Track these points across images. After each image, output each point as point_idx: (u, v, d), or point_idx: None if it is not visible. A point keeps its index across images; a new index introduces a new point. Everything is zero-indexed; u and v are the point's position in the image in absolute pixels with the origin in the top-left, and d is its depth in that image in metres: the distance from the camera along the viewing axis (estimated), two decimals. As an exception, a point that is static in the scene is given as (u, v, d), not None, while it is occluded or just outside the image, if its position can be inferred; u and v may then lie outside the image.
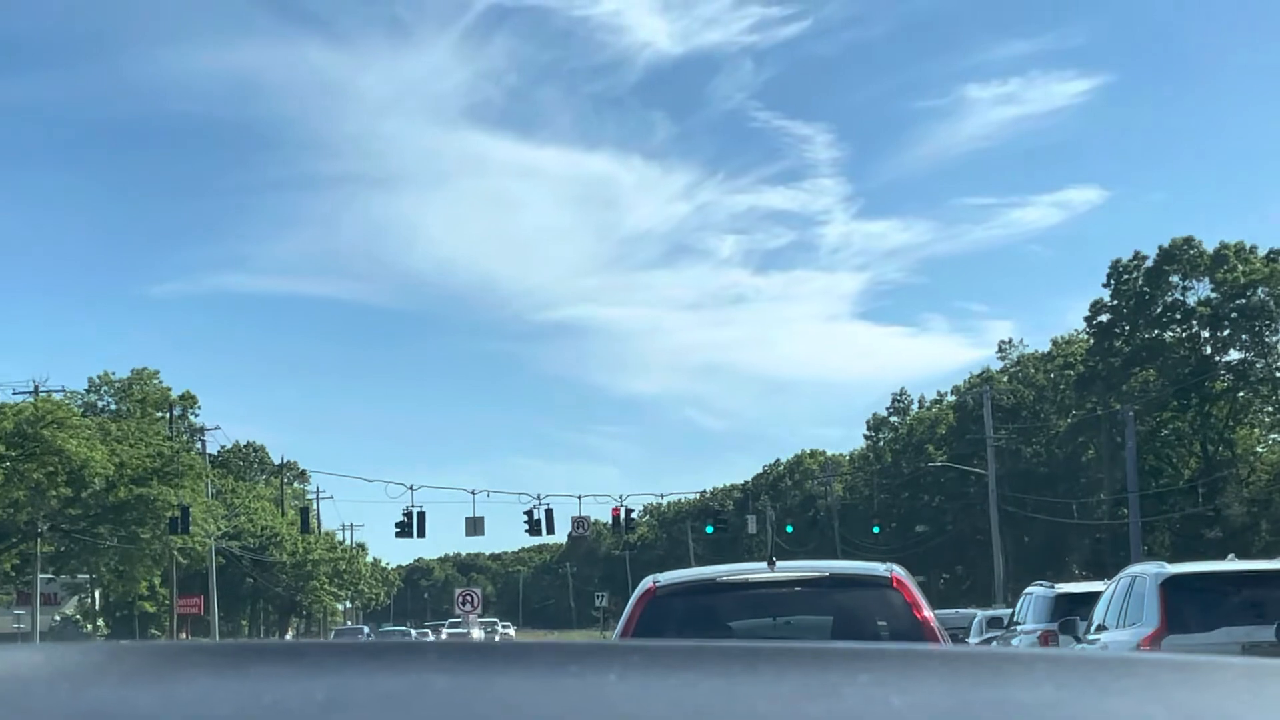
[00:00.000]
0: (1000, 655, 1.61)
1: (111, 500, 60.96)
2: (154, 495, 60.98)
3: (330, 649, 1.59)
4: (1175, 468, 79.08)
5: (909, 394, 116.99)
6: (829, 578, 9.85)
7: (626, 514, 69.07)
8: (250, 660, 1.54)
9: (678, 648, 1.59)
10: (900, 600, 9.23)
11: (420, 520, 62.60)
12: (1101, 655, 1.64)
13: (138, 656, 1.54)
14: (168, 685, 1.43)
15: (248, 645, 1.59)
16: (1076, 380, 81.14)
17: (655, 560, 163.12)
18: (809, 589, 9.70)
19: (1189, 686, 1.45)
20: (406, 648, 1.62)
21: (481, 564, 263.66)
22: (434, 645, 1.59)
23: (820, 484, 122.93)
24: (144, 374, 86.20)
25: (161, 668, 1.51)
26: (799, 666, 1.46)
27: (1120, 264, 77.04)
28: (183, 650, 1.60)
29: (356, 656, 1.53)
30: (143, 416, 70.38)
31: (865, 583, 9.68)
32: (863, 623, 9.37)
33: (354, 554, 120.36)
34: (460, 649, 1.58)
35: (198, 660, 1.53)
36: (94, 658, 1.58)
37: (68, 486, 57.80)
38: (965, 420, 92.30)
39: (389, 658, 1.52)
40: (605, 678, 1.41)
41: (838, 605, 9.58)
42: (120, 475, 60.20)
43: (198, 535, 67.80)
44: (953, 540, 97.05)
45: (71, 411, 59.22)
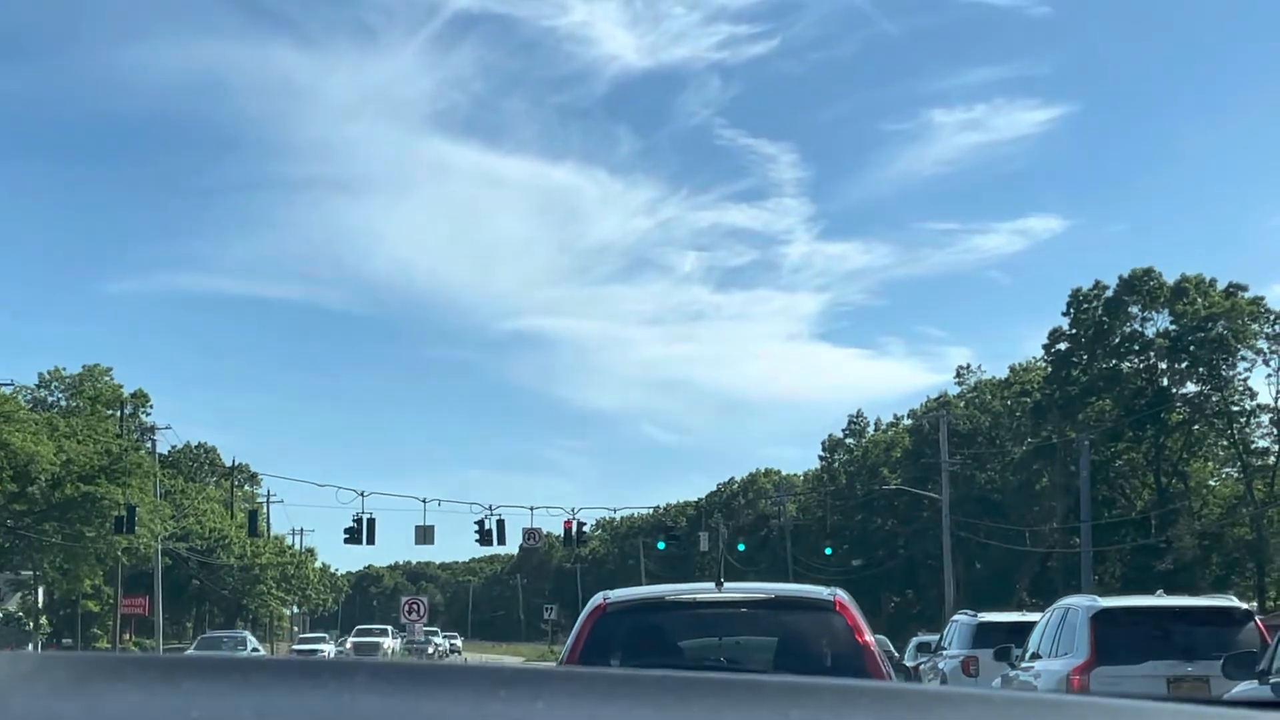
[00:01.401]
0: (932, 694, 1.60)
1: (58, 497, 60.19)
2: (101, 493, 60.23)
3: (262, 665, 1.57)
4: (1128, 498, 79.18)
5: (865, 416, 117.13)
6: (774, 599, 10.04)
7: (578, 527, 68.66)
8: (180, 675, 1.51)
9: (610, 676, 1.58)
10: (842, 624, 9.43)
11: (370, 527, 62.09)
12: (1031, 696, 1.54)
13: (67, 668, 1.51)
14: (95, 698, 1.41)
15: (179, 660, 1.55)
16: (1033, 408, 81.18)
17: (606, 575, 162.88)
18: (755, 610, 9.95)
19: None
20: (337, 667, 1.59)
21: (431, 573, 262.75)
22: (366, 665, 1.56)
23: (774, 503, 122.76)
24: (95, 371, 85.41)
25: (90, 680, 1.49)
26: (732, 700, 1.45)
27: (1080, 293, 77.17)
28: (113, 663, 1.57)
29: (287, 674, 1.52)
30: (93, 414, 69.50)
31: (809, 605, 9.90)
32: (806, 644, 9.60)
33: (303, 559, 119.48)
34: (391, 670, 1.55)
35: (127, 673, 1.51)
36: (22, 668, 1.54)
37: (13, 481, 56.99)
38: (921, 444, 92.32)
39: (319, 676, 1.51)
40: (533, 705, 1.39)
41: (783, 626, 9.77)
42: (67, 472, 59.42)
43: (143, 536, 66.98)
44: (904, 564, 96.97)
45: (18, 405, 58.41)
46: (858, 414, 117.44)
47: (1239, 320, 71.37)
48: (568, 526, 68.05)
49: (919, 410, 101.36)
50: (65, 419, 65.64)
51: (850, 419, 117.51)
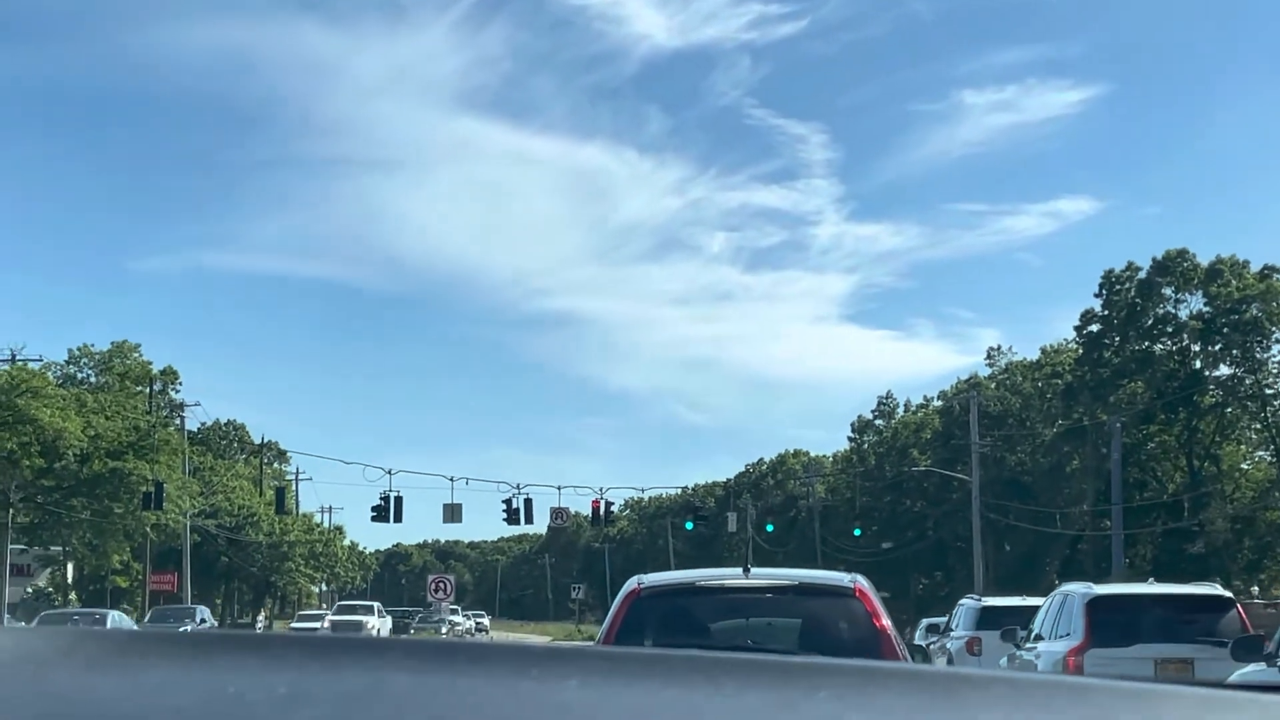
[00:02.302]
0: (958, 677, 1.63)
1: (86, 473, 60.20)
2: (129, 469, 60.22)
3: (295, 642, 1.60)
4: (1160, 481, 78.52)
5: (895, 397, 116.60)
6: (798, 585, 10.67)
7: (606, 507, 68.44)
8: (214, 651, 1.55)
9: (641, 656, 1.61)
10: (862, 609, 9.95)
11: (398, 505, 61.98)
12: (1057, 679, 1.60)
13: (103, 644, 1.54)
14: (132, 674, 1.44)
15: (213, 636, 1.60)
16: (1064, 390, 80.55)
17: (635, 555, 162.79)
18: (780, 595, 10.58)
19: (1141, 715, 1.47)
20: (370, 644, 1.62)
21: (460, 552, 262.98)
22: (400, 643, 1.59)
23: (802, 484, 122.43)
24: (124, 347, 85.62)
25: (126, 656, 1.51)
26: (761, 680, 1.48)
27: (1113, 274, 76.48)
28: (148, 639, 1.60)
29: (321, 651, 1.54)
30: (121, 390, 69.51)
31: (831, 591, 10.52)
32: (827, 628, 10.16)
33: (331, 536, 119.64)
34: (425, 648, 1.59)
35: (163, 649, 1.54)
36: (59, 644, 1.57)
37: (41, 457, 57.00)
38: (951, 426, 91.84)
39: (353, 653, 1.54)
40: (566, 684, 1.41)
41: (806, 610, 10.39)
42: (95, 448, 59.42)
43: (172, 512, 67.03)
44: (933, 546, 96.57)
45: (47, 381, 58.41)
46: (887, 395, 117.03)
47: (1273, 303, 70.66)
48: (595, 506, 67.91)
49: (949, 392, 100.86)
50: (94, 395, 65.65)
51: (880, 400, 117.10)
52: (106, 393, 67.55)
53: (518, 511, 64.42)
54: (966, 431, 77.39)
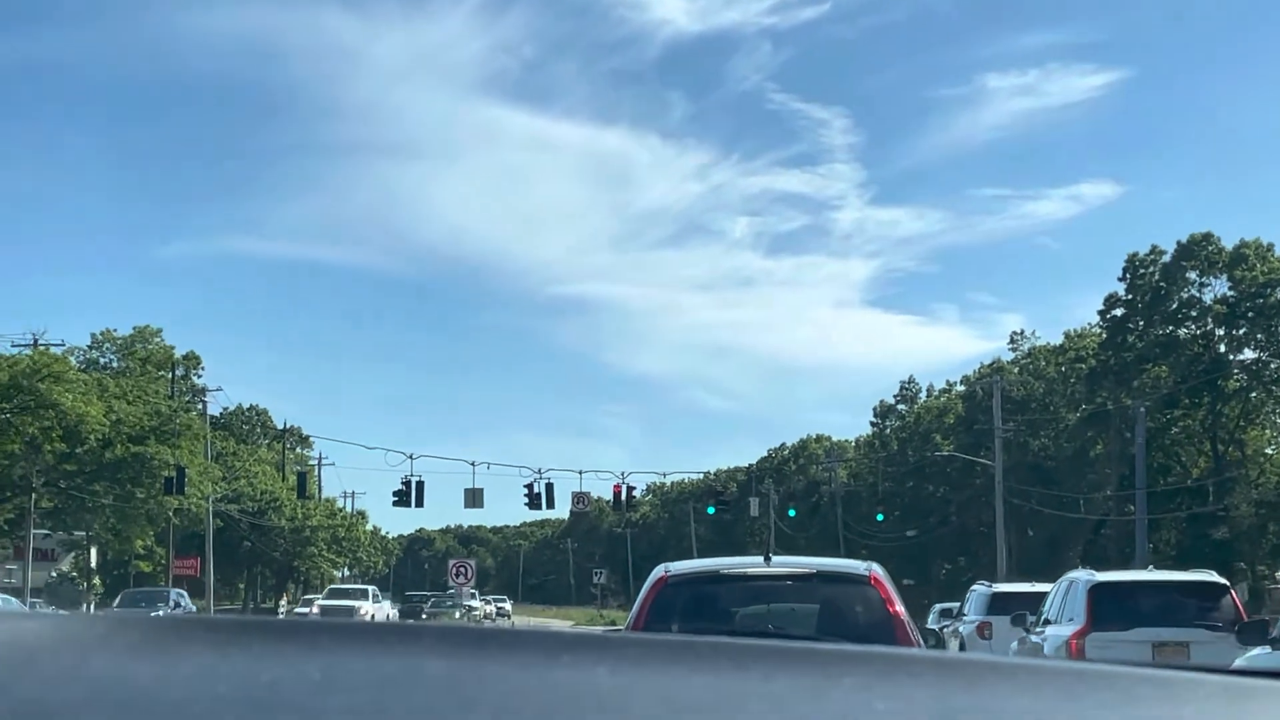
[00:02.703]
0: (983, 663, 1.64)
1: (108, 458, 60.24)
2: (151, 454, 60.25)
3: (328, 629, 1.62)
4: (1184, 466, 78.11)
5: (917, 382, 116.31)
6: (817, 573, 11.19)
7: (628, 491, 68.31)
8: (250, 637, 1.56)
9: (670, 642, 1.62)
10: (877, 596, 10.41)
11: (419, 489, 62.00)
12: (1082, 667, 1.61)
13: (141, 629, 1.56)
14: (170, 659, 1.47)
15: (248, 621, 1.62)
16: (1088, 374, 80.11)
17: (657, 540, 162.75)
18: (799, 582, 11.11)
19: (1166, 702, 1.49)
20: (403, 630, 1.64)
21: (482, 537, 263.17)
22: (432, 629, 1.62)
23: (824, 469, 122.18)
24: (146, 332, 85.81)
25: (164, 641, 1.54)
26: (788, 667, 1.50)
27: (1137, 258, 75.97)
28: (185, 624, 1.63)
29: (354, 637, 1.57)
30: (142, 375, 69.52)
31: (847, 579, 10.92)
32: (844, 613, 10.60)
33: (353, 521, 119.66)
34: (457, 634, 1.61)
35: (199, 635, 1.57)
36: (98, 629, 1.60)
37: (63, 442, 57.04)
38: (974, 410, 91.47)
39: (386, 640, 1.56)
40: (596, 670, 1.43)
41: (823, 597, 10.79)
42: (117, 432, 59.45)
43: (193, 496, 67.05)
44: (956, 531, 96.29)
45: (68, 365, 58.43)
46: (909, 380, 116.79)
47: (1299, 286, 70.33)
48: (617, 491, 67.73)
49: (972, 377, 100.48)
50: (115, 379, 65.68)
51: (902, 385, 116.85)
52: (128, 378, 67.58)
53: (539, 496, 64.33)
54: (989, 416, 77.07)
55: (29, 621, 1.60)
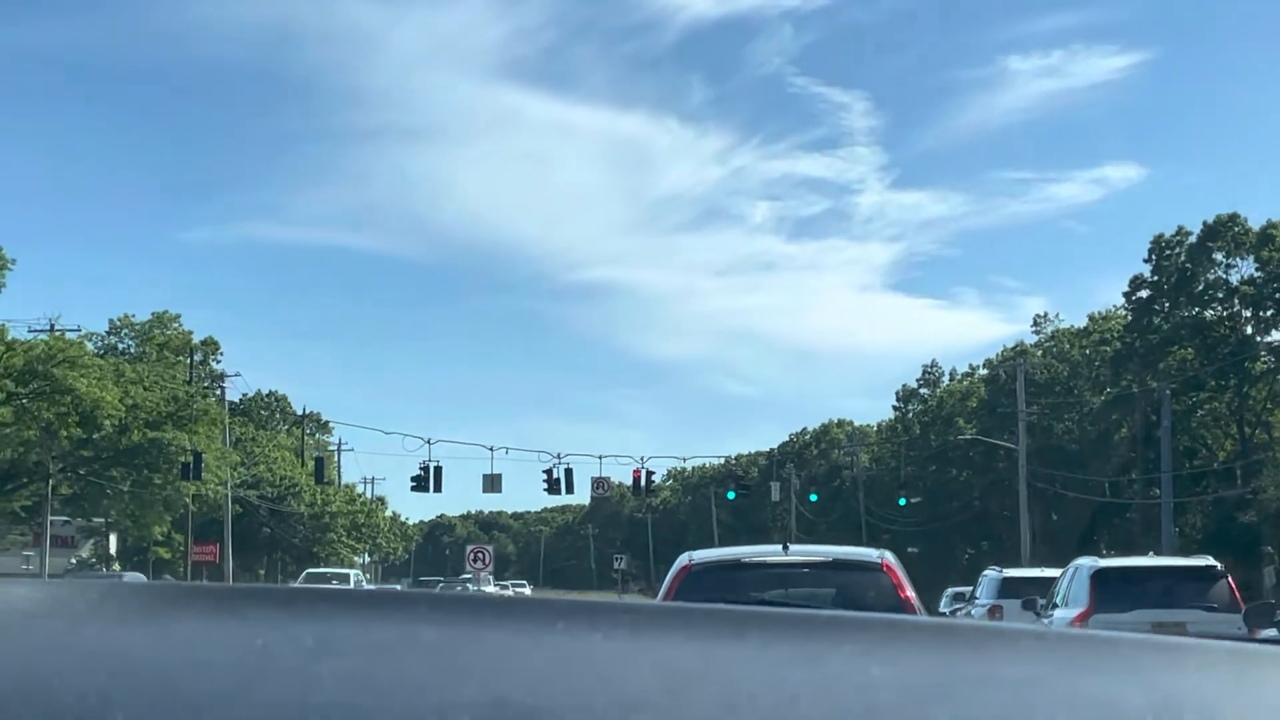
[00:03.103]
0: (984, 630, 1.64)
1: (125, 444, 59.84)
2: (168, 440, 59.85)
3: (323, 596, 1.63)
4: (1210, 449, 77.21)
5: (940, 366, 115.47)
6: (832, 561, 12.00)
7: (647, 476, 67.77)
8: (243, 604, 1.58)
9: (666, 609, 1.63)
10: (888, 582, 11.11)
11: (437, 474, 61.51)
12: (1085, 634, 1.62)
13: (134, 596, 1.58)
14: (162, 625, 1.48)
15: (241, 589, 1.65)
16: (1112, 357, 79.27)
17: (678, 525, 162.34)
18: (815, 569, 11.87)
19: (1169, 669, 1.50)
20: (397, 598, 1.66)
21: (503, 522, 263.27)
22: (427, 596, 1.62)
23: (846, 454, 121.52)
24: (165, 317, 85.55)
25: (156, 608, 1.55)
26: (785, 633, 1.51)
27: (1162, 239, 75.02)
28: (177, 591, 1.64)
29: (348, 605, 1.57)
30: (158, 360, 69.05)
31: (860, 566, 11.68)
32: (857, 598, 11.04)
33: (373, 507, 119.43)
34: (453, 602, 1.61)
35: (192, 602, 1.58)
36: (91, 596, 1.60)
37: (79, 427, 56.63)
38: (997, 394, 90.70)
39: (380, 607, 1.57)
40: (591, 636, 1.44)
41: (838, 583, 11.49)
42: (133, 418, 59.03)
43: (211, 482, 66.63)
44: (979, 515, 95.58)
45: (83, 350, 57.98)
46: (932, 364, 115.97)
47: (1326, 267, 69.44)
48: (637, 476, 67.17)
49: (995, 360, 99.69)
50: (132, 365, 65.25)
51: (924, 369, 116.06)
52: (145, 363, 67.15)
53: (558, 481, 63.83)
54: (1012, 400, 76.32)
55: (20, 588, 1.59)
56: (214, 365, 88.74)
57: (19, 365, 53.42)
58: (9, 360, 52.64)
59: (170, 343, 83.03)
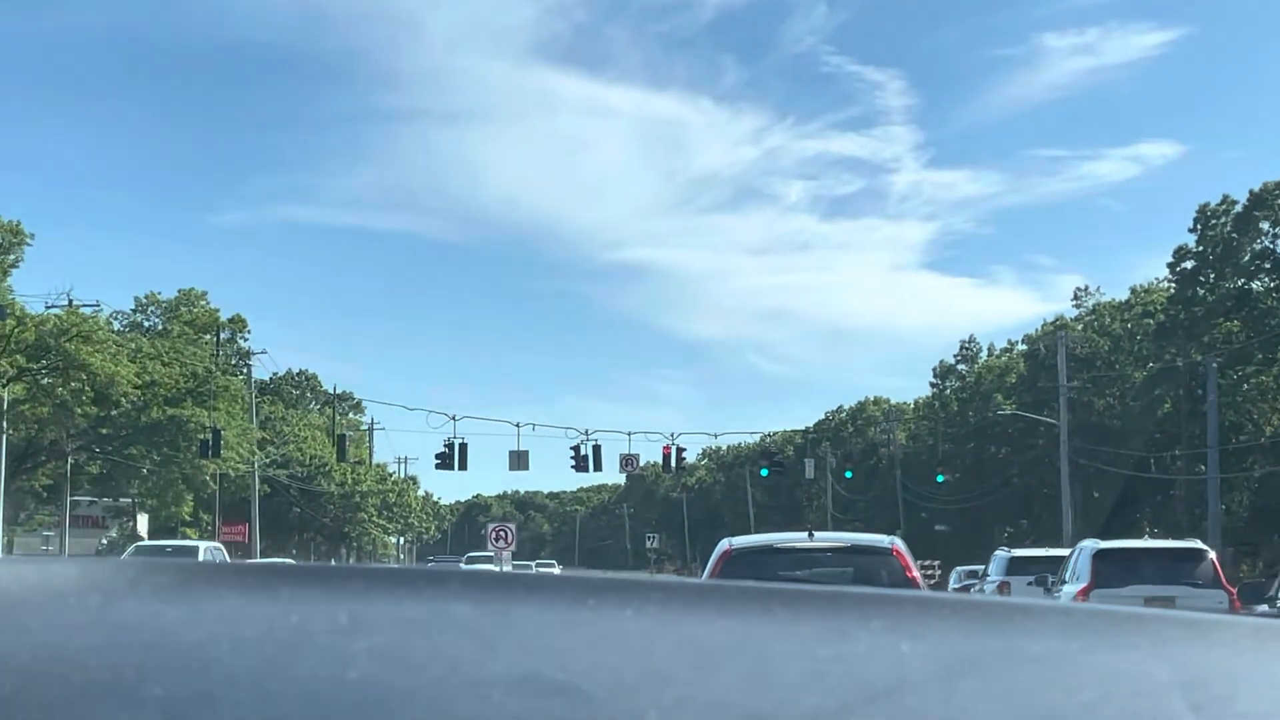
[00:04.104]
0: (1012, 606, 1.64)
1: (144, 421, 58.63)
2: (187, 416, 58.58)
3: (355, 573, 1.64)
4: (1256, 424, 75.07)
5: (978, 342, 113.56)
6: (850, 546, 14.14)
7: (678, 453, 66.23)
8: (277, 581, 1.58)
9: (696, 586, 1.64)
10: (897, 564, 13.06)
11: (462, 451, 60.16)
12: (1111, 610, 1.64)
13: (168, 574, 1.59)
14: (196, 602, 1.50)
15: (275, 566, 1.69)
16: (1156, 330, 77.23)
17: (713, 504, 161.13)
18: (836, 553, 13.87)
19: (1195, 644, 1.51)
20: (429, 575, 1.66)
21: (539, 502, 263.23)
22: (459, 573, 1.63)
23: (882, 432, 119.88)
24: (191, 295, 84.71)
25: (191, 585, 1.56)
26: (814, 609, 1.52)
27: (1208, 209, 72.89)
28: (212, 569, 1.65)
29: (381, 581, 1.59)
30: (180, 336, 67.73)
31: (874, 551, 13.67)
32: (871, 578, 12.84)
33: (405, 487, 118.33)
34: (483, 579, 1.62)
35: (226, 579, 1.59)
36: (126, 573, 1.61)
37: (94, 404, 55.41)
38: (1036, 369, 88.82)
39: (412, 584, 1.59)
40: (622, 613, 1.46)
41: (855, 564, 13.39)
42: (152, 395, 57.78)
43: (231, 460, 65.36)
44: (1018, 493, 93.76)
45: (97, 325, 56.70)
46: (970, 340, 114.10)
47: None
48: (667, 452, 65.67)
49: (1034, 335, 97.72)
50: (151, 341, 64.04)
51: (962, 344, 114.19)
52: (165, 338, 65.89)
53: (586, 458, 62.44)
54: (1052, 375, 74.55)
55: (55, 566, 1.61)
56: (241, 343, 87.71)
57: (31, 340, 52.15)
58: (20, 335, 51.34)
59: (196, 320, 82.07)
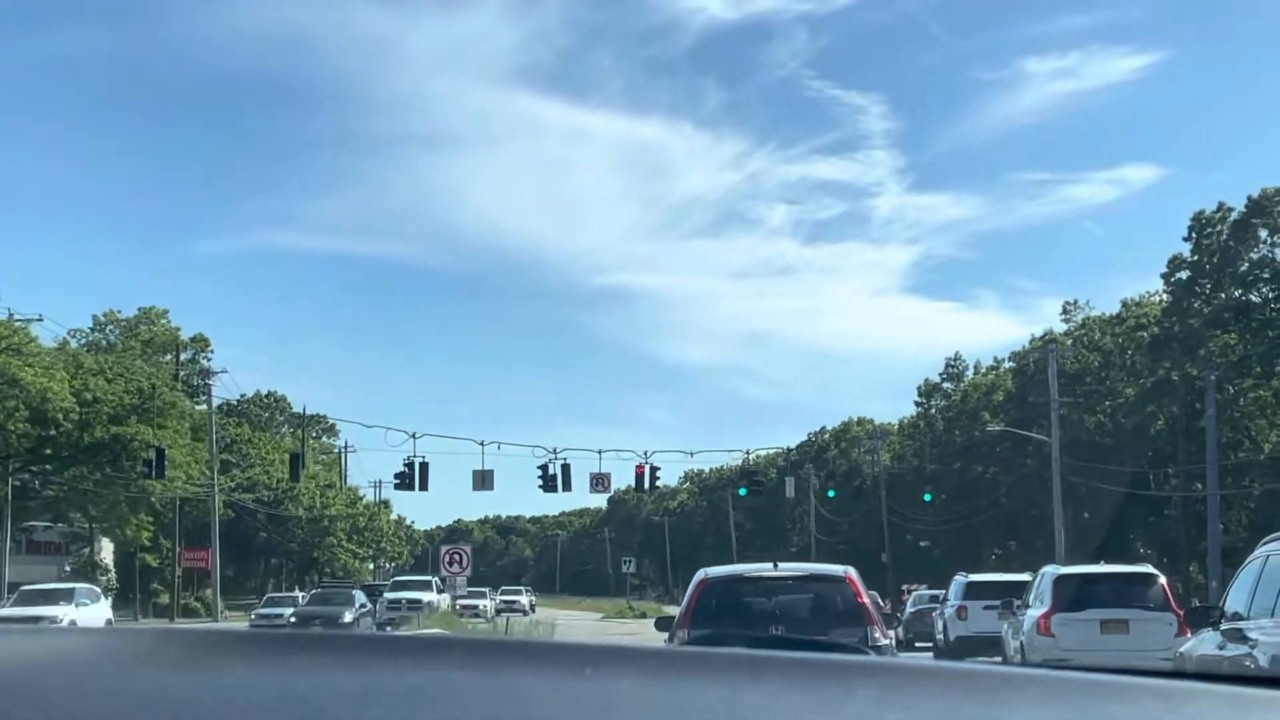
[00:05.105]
0: (994, 675, 1.70)
1: (88, 440, 55.41)
2: (131, 434, 55.37)
3: (363, 641, 1.75)
4: (1254, 440, 72.20)
5: (964, 359, 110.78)
6: (809, 575, 16.22)
7: (652, 472, 63.17)
8: (286, 650, 1.65)
9: (689, 655, 1.75)
10: (850, 591, 15.03)
11: (423, 471, 57.09)
12: (1089, 677, 1.68)
13: (182, 643, 1.65)
14: (210, 673, 1.55)
15: (286, 636, 1.77)
16: (1150, 342, 74.18)
17: (695, 528, 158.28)
18: (797, 581, 15.84)
19: (1173, 714, 1.54)
20: (433, 643, 1.76)
21: (521, 527, 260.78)
22: (463, 641, 1.75)
23: (867, 452, 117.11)
24: (152, 313, 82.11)
25: (203, 655, 1.62)
26: (802, 678, 1.57)
27: (1203, 216, 69.87)
28: (223, 639, 1.72)
29: (386, 650, 1.66)
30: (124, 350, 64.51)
31: (830, 579, 15.59)
32: (827, 603, 15.13)
33: (375, 511, 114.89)
34: (484, 646, 1.74)
35: (238, 649, 1.67)
36: (142, 644, 1.70)
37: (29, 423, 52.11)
38: (1024, 386, 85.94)
39: (417, 653, 1.65)
40: (620, 683, 1.52)
41: (814, 591, 15.56)
42: (95, 413, 54.60)
43: (177, 479, 62.03)
44: (1006, 514, 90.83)
45: (29, 338, 53.46)
46: (955, 357, 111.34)
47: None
48: (640, 471, 62.59)
49: (1022, 352, 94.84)
50: (96, 356, 60.84)
51: (948, 362, 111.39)
52: (110, 353, 62.70)
53: (554, 478, 59.40)
54: (1040, 392, 71.73)
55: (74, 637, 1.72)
56: (204, 362, 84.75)
57: (-47, 353, 48.87)
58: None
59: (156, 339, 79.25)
